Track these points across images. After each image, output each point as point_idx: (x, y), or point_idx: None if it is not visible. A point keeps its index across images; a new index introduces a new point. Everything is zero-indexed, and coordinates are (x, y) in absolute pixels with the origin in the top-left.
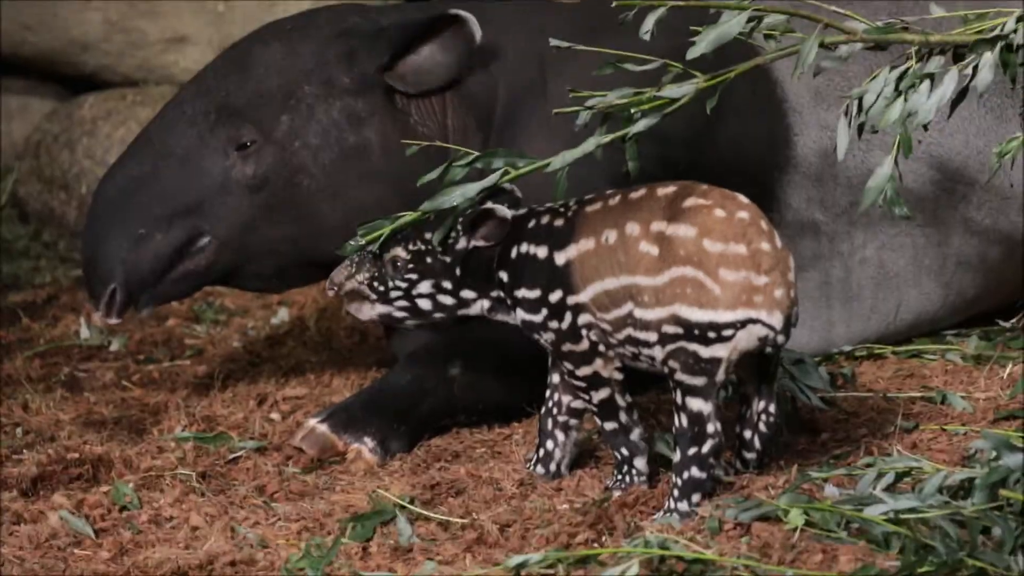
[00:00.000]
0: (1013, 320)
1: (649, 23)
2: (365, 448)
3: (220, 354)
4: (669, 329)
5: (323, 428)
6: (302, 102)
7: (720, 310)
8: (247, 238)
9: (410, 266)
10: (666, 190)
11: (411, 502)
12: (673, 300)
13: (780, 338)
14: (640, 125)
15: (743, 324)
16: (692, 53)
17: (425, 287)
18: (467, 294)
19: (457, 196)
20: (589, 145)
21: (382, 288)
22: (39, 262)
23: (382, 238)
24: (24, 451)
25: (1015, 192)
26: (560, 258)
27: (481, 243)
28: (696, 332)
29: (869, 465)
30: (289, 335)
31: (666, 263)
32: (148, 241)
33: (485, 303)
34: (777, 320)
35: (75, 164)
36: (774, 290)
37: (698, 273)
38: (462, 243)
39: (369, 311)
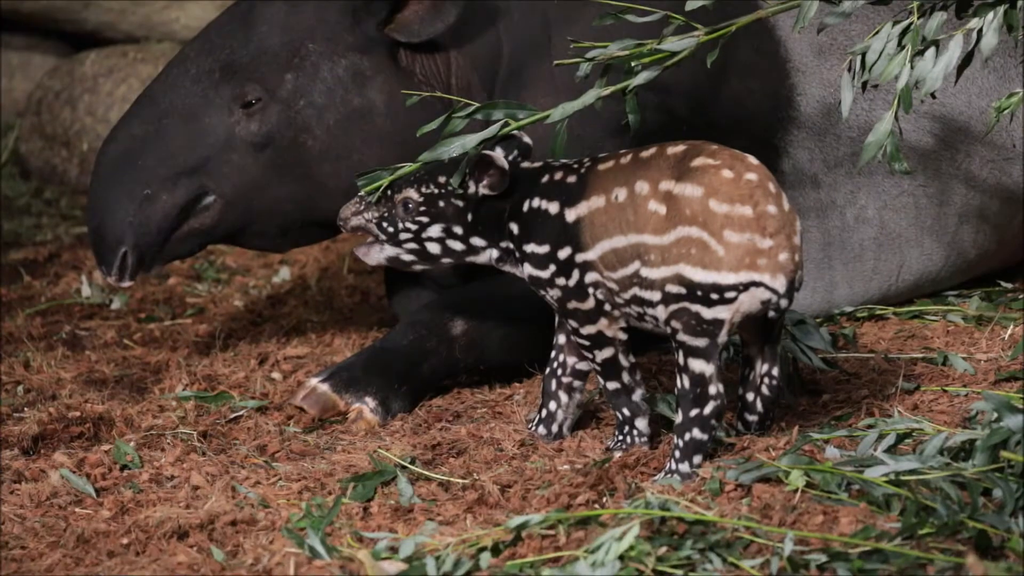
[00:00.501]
0: (1015, 282)
1: None
2: (366, 408)
3: (221, 313)
4: (672, 289)
5: (324, 388)
6: (306, 60)
7: (723, 272)
8: (252, 197)
9: (421, 208)
10: (676, 149)
11: (412, 462)
12: (678, 260)
13: (783, 302)
14: (640, 78)
15: (746, 287)
16: (691, 5)
17: (435, 231)
18: (477, 241)
19: (457, 147)
20: (589, 97)
21: (391, 229)
22: (40, 219)
23: (381, 187)
24: (25, 409)
25: (1017, 152)
26: (571, 215)
27: (485, 191)
28: (699, 293)
29: (870, 426)
30: (291, 294)
31: (672, 222)
32: (154, 201)
33: (494, 252)
34: (780, 284)
35: (76, 121)
36: (778, 254)
37: (703, 233)
38: (474, 188)
39: (378, 255)
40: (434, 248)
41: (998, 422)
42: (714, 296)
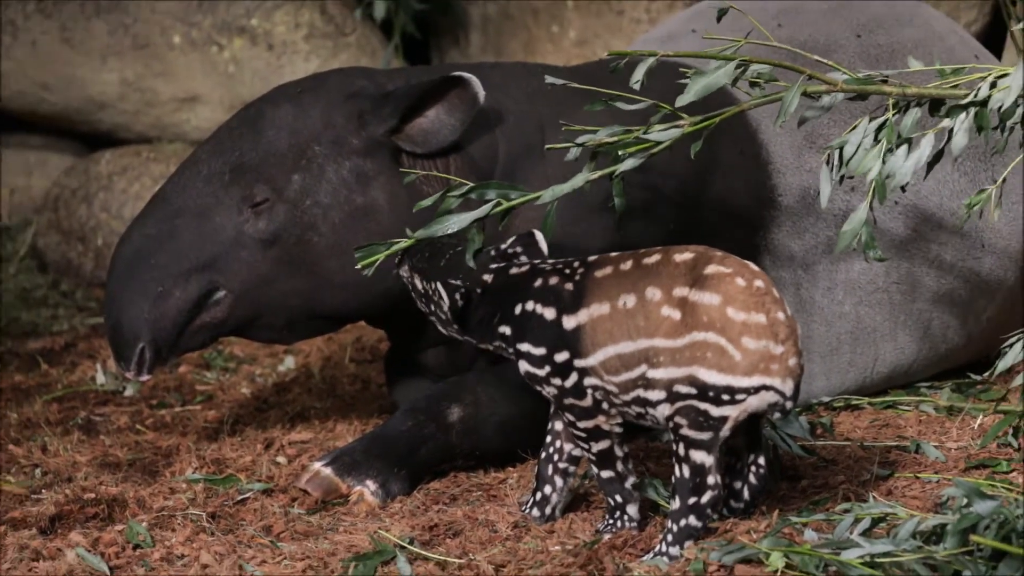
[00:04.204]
0: (985, 374)
1: (639, 73)
2: (367, 491)
3: (229, 400)
4: (682, 389)
5: (327, 471)
6: (312, 162)
7: (738, 375)
8: (260, 291)
9: (424, 298)
10: (683, 256)
11: (411, 542)
12: (691, 362)
13: (789, 404)
14: (627, 164)
15: (756, 390)
16: (681, 101)
17: (437, 321)
18: (469, 338)
19: (452, 224)
20: (578, 180)
21: (412, 292)
22: (57, 311)
23: (377, 262)
24: (42, 491)
25: (985, 253)
26: (569, 322)
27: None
28: (711, 394)
29: (846, 511)
30: (295, 382)
31: (688, 328)
32: (168, 298)
33: (488, 345)
34: (788, 387)
35: (92, 217)
36: (788, 359)
37: (720, 339)
38: (447, 308)
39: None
40: (443, 329)
41: (968, 507)
42: (725, 397)
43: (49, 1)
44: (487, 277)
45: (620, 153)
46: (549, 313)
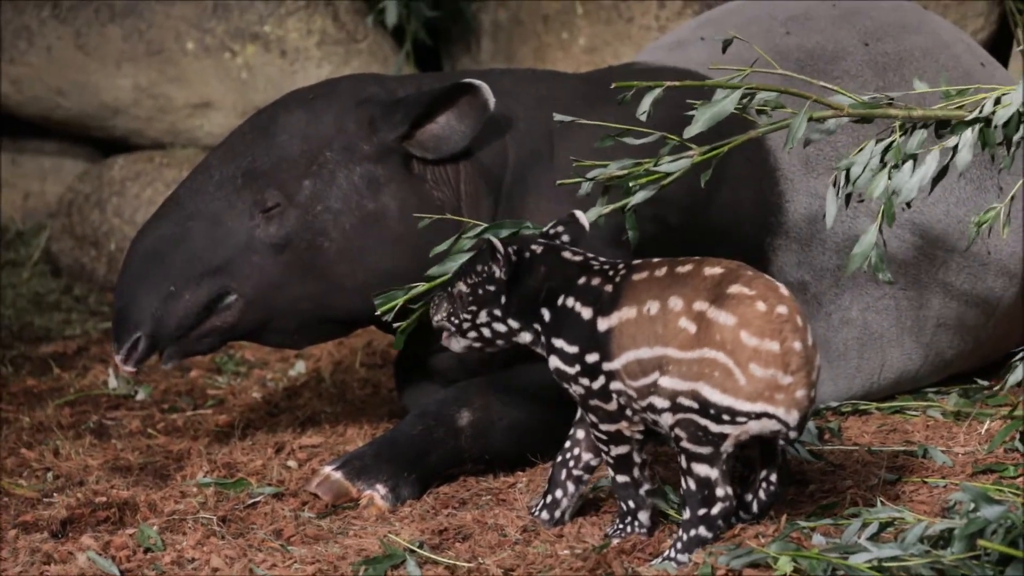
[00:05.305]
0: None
1: (645, 104)
2: (377, 495)
3: (240, 404)
4: (685, 401)
5: (338, 475)
6: (324, 168)
7: (740, 399)
8: (271, 296)
9: (470, 299)
10: (713, 271)
11: (420, 546)
12: (698, 378)
13: (793, 433)
14: (638, 197)
15: (759, 416)
16: (689, 132)
17: (483, 317)
18: (513, 323)
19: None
20: (592, 214)
21: (457, 322)
22: (70, 315)
23: (397, 306)
24: (54, 495)
25: (991, 259)
26: (603, 324)
27: (502, 276)
28: (711, 411)
29: (854, 515)
30: (306, 387)
31: (700, 342)
32: (178, 299)
33: (527, 335)
34: (793, 418)
35: (105, 222)
36: (796, 390)
37: (729, 361)
38: (499, 273)
39: (456, 344)
40: (487, 332)
41: (975, 512)
42: (726, 417)
43: (64, 7)
44: (536, 247)
45: (632, 186)
46: (587, 313)
